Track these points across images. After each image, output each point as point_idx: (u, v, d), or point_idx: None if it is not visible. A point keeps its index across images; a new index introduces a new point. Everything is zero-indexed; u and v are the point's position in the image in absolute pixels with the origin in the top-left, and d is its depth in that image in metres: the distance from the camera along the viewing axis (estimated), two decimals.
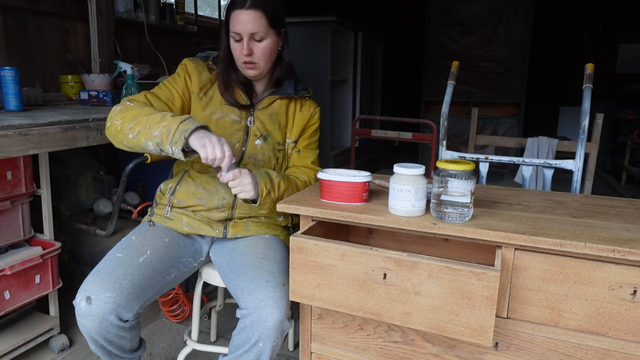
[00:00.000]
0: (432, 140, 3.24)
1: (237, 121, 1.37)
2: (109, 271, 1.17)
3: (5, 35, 2.07)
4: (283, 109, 1.43)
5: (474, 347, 1.07)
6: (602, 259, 0.93)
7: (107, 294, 1.12)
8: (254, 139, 1.38)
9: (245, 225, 1.40)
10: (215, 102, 1.37)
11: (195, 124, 1.11)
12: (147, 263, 1.24)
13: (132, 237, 1.32)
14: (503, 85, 5.03)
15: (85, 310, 1.12)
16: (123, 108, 1.21)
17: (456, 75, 1.95)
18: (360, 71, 4.34)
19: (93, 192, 2.17)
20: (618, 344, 0.95)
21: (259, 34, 1.28)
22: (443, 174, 1.02)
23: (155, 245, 1.30)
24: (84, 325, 1.14)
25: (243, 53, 1.29)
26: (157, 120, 1.13)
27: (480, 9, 4.90)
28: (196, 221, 1.38)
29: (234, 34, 1.29)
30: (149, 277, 1.23)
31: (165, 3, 2.97)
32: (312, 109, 1.47)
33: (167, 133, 1.10)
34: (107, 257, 1.23)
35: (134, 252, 1.25)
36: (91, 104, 2.06)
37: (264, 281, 1.20)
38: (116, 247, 1.28)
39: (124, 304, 1.14)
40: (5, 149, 1.26)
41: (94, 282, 1.15)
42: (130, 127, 1.15)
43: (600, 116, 2.11)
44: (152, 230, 1.36)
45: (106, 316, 1.12)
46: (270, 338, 1.15)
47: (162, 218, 1.40)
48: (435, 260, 0.92)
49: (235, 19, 1.27)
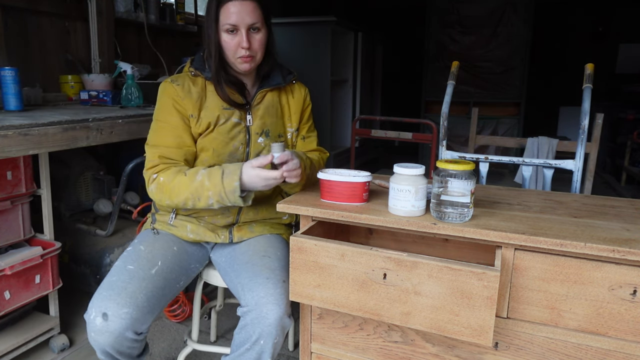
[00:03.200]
0: (432, 140, 3.24)
1: (237, 123, 1.32)
2: (123, 285, 1.15)
3: (5, 35, 2.07)
4: (276, 100, 1.39)
5: (474, 347, 1.07)
6: (602, 259, 0.93)
7: (124, 310, 1.10)
8: (255, 137, 1.35)
9: (250, 227, 1.39)
10: (213, 108, 1.30)
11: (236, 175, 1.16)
12: (159, 274, 1.22)
13: (140, 247, 1.28)
14: (503, 85, 5.03)
15: (102, 327, 1.10)
16: (157, 188, 1.23)
17: (456, 75, 1.95)
18: (360, 71, 4.35)
19: (93, 192, 2.17)
20: (618, 344, 0.95)
21: (256, 25, 1.24)
22: (443, 174, 1.02)
23: (165, 255, 1.28)
24: (97, 341, 1.11)
25: (243, 46, 1.23)
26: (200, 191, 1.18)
27: (480, 9, 4.90)
28: (201, 228, 1.36)
29: (229, 26, 1.22)
30: (162, 288, 1.22)
31: (165, 3, 2.97)
32: (302, 91, 1.45)
33: (221, 199, 1.18)
34: (118, 270, 1.20)
35: (146, 263, 1.23)
36: (91, 104, 2.06)
37: (264, 278, 1.20)
38: (125, 258, 1.24)
39: (140, 318, 1.13)
40: (5, 149, 1.26)
41: (109, 297, 1.12)
42: (183, 203, 1.22)
43: (600, 116, 2.12)
44: (159, 239, 1.33)
45: (122, 332, 1.10)
46: (271, 335, 1.14)
47: (166, 225, 1.37)
48: (435, 260, 0.92)
49: (229, 11, 1.21)
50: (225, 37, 1.24)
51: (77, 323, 1.86)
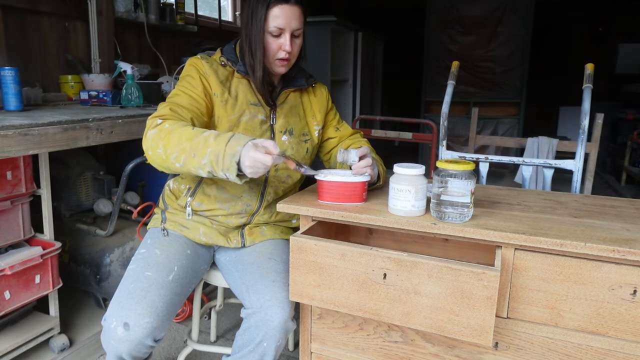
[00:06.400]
0: (432, 140, 3.24)
1: (264, 121, 1.31)
2: (143, 294, 1.14)
3: (5, 35, 2.07)
4: (298, 100, 1.41)
5: (474, 347, 1.07)
6: (602, 259, 0.93)
7: (145, 320, 1.10)
8: (279, 135, 1.34)
9: (261, 230, 1.39)
10: (242, 102, 1.29)
11: (242, 141, 1.02)
12: (175, 280, 1.21)
13: (156, 251, 1.26)
14: (503, 85, 5.03)
15: (123, 337, 1.09)
16: (158, 132, 1.11)
17: (456, 75, 1.95)
18: (360, 71, 4.35)
19: (93, 192, 2.17)
20: (618, 344, 0.95)
21: (298, 31, 1.26)
22: (443, 174, 1.02)
23: (181, 260, 1.26)
24: (116, 349, 1.11)
25: (285, 49, 1.24)
26: (200, 146, 1.04)
27: (480, 9, 4.90)
28: (214, 231, 1.34)
29: (275, 28, 1.22)
30: (178, 294, 1.21)
31: (165, 3, 2.97)
32: (324, 91, 1.48)
33: (215, 160, 1.02)
34: (135, 276, 1.18)
35: (162, 269, 1.21)
36: (91, 104, 2.06)
37: (270, 281, 1.19)
38: (141, 263, 1.22)
39: (159, 326, 1.13)
40: (5, 149, 1.26)
41: (130, 306, 1.11)
42: (175, 156, 1.07)
43: (600, 116, 2.12)
44: (173, 242, 1.30)
45: (143, 340, 1.10)
46: (274, 338, 1.14)
47: (178, 226, 1.34)
48: (435, 260, 0.92)
49: (277, 13, 1.21)
50: (269, 39, 1.24)
51: (77, 323, 1.86)
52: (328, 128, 1.47)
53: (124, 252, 1.88)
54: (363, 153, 1.21)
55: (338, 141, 1.47)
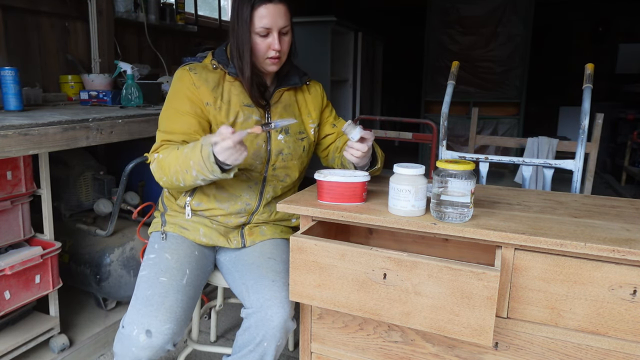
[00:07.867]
0: (432, 140, 3.24)
1: (259, 121, 1.32)
2: (161, 300, 1.14)
3: (5, 35, 2.07)
4: (293, 99, 1.40)
5: (474, 347, 1.07)
6: (602, 259, 0.93)
7: (166, 326, 1.11)
8: (276, 135, 1.34)
9: (261, 230, 1.39)
10: (235, 105, 1.30)
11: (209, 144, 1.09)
12: (189, 284, 1.23)
13: (166, 256, 1.26)
14: (503, 85, 5.03)
15: (145, 344, 1.10)
16: (157, 164, 1.22)
17: (456, 75, 1.95)
18: (360, 71, 4.34)
19: (93, 192, 2.17)
20: (618, 344, 0.95)
21: (286, 28, 1.26)
22: (443, 174, 1.02)
23: (191, 263, 1.27)
24: (137, 355, 1.11)
25: (274, 48, 1.24)
26: (186, 162, 1.14)
27: (480, 9, 4.89)
28: (214, 231, 1.34)
29: (261, 29, 1.22)
30: (192, 297, 1.22)
31: (165, 3, 2.97)
32: (318, 88, 1.48)
33: (200, 168, 1.12)
34: (151, 282, 1.19)
35: (176, 273, 1.22)
36: (91, 104, 2.06)
37: (270, 281, 1.20)
38: (154, 268, 1.23)
39: (179, 331, 1.14)
40: (5, 149, 1.26)
41: (150, 314, 1.12)
42: (175, 178, 1.18)
43: (600, 116, 2.12)
44: (181, 244, 1.31)
45: (164, 346, 1.11)
46: (274, 338, 1.15)
47: (178, 228, 1.34)
48: (435, 260, 0.92)
49: (262, 14, 1.21)
50: (257, 39, 1.25)
51: (77, 323, 1.86)
52: (325, 125, 1.47)
53: (124, 252, 1.88)
54: (367, 137, 1.20)
55: (335, 137, 1.47)
